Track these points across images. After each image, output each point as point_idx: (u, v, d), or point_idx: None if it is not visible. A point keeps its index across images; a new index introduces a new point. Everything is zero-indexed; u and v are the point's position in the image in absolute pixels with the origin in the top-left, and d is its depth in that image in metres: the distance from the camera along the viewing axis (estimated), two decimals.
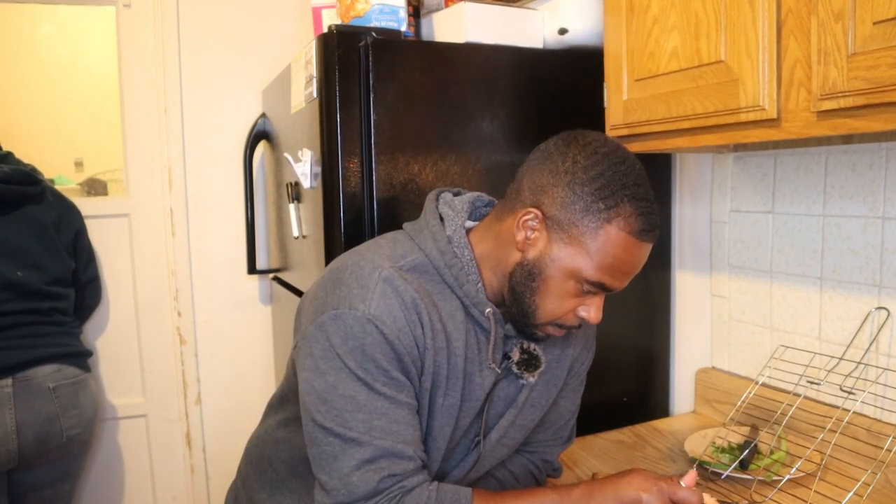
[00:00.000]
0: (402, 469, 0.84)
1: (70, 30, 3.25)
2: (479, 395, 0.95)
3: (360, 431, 0.83)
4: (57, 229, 1.82)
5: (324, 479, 0.85)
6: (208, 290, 2.18)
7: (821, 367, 1.30)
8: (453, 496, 0.86)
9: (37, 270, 1.74)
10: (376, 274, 0.86)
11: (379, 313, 0.84)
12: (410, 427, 0.87)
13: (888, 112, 0.82)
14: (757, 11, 0.97)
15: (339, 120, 1.30)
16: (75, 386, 1.75)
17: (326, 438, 0.84)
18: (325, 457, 0.84)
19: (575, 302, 0.89)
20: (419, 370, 0.88)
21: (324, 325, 0.85)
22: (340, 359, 0.84)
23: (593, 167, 0.85)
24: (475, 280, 0.92)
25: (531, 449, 1.14)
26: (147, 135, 2.09)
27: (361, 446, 0.83)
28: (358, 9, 1.39)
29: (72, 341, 1.82)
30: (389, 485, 0.83)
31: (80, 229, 1.91)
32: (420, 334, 0.87)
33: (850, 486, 1.09)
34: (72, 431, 1.72)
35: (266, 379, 2.27)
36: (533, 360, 0.97)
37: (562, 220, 0.85)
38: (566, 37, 1.46)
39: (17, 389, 1.63)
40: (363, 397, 0.83)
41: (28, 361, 1.67)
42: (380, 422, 0.84)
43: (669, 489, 0.85)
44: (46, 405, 1.66)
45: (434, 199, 0.98)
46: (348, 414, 0.83)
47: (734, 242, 1.53)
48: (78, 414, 1.74)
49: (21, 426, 1.62)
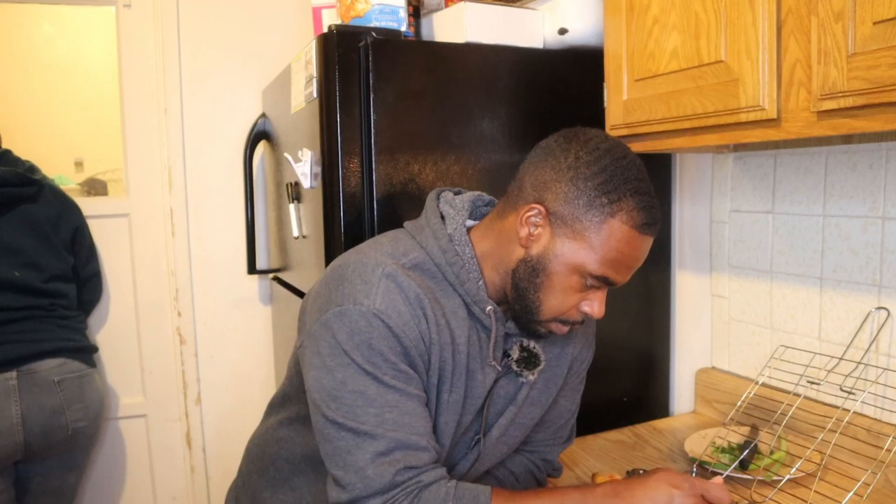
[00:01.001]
0: (418, 461, 0.84)
1: (70, 30, 3.25)
2: (480, 392, 0.95)
3: (372, 425, 0.83)
4: (55, 227, 1.82)
5: (338, 474, 0.84)
6: (208, 290, 2.18)
7: (821, 367, 1.30)
8: (472, 494, 0.84)
9: (35, 269, 1.74)
10: (379, 270, 0.86)
11: (384, 308, 0.84)
12: (422, 419, 0.87)
13: (888, 112, 0.82)
14: (757, 11, 0.97)
15: (339, 120, 1.30)
16: (80, 380, 1.76)
17: (339, 433, 0.83)
18: (338, 452, 0.84)
19: (578, 297, 0.90)
20: (426, 364, 0.88)
21: (328, 323, 0.85)
22: (347, 354, 0.83)
23: (596, 162, 0.86)
24: (476, 278, 0.92)
25: (531, 448, 1.14)
26: (147, 135, 2.08)
27: (375, 439, 0.82)
28: (358, 9, 1.39)
29: (76, 336, 1.83)
30: (406, 478, 0.82)
31: (80, 226, 1.91)
32: (425, 329, 0.87)
33: (850, 486, 1.09)
34: (77, 424, 1.73)
35: (266, 379, 2.27)
36: (533, 358, 0.97)
37: (565, 216, 0.86)
38: (566, 37, 1.46)
39: (22, 382, 1.64)
40: (373, 391, 0.83)
41: (32, 354, 1.69)
42: (391, 414, 0.83)
43: (702, 486, 0.84)
44: (51, 398, 1.68)
45: (435, 198, 0.98)
46: (359, 409, 0.83)
47: (734, 242, 1.53)
48: (83, 407, 1.75)
49: (26, 418, 1.63)
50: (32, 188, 1.77)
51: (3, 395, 1.62)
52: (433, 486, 0.83)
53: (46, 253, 1.78)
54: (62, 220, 1.85)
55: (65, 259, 1.84)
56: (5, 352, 1.65)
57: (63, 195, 1.90)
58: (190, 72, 2.11)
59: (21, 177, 1.73)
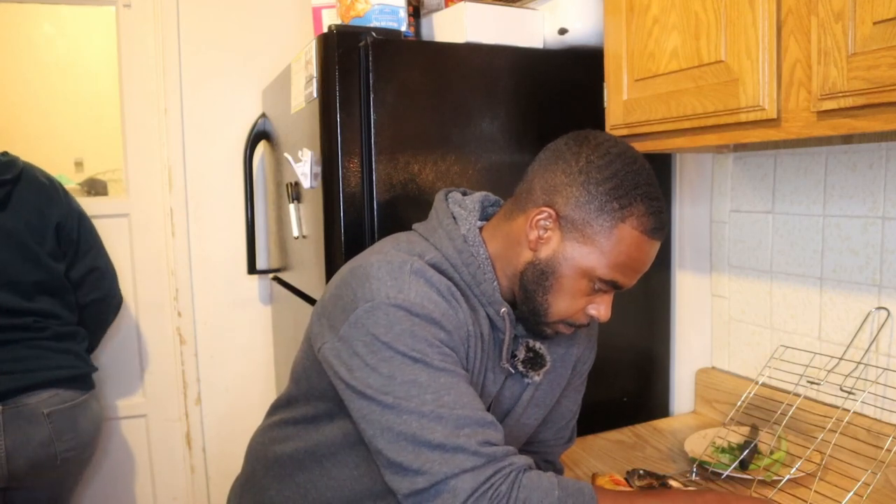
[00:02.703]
0: (493, 437, 0.79)
1: (70, 30, 3.25)
2: (490, 392, 0.95)
3: (435, 406, 0.78)
4: (35, 231, 1.61)
5: (407, 459, 0.76)
6: (208, 290, 2.18)
7: (821, 367, 1.30)
8: (576, 486, 0.80)
9: (11, 289, 1.57)
10: (407, 266, 0.85)
11: (419, 300, 0.82)
12: (478, 398, 0.83)
13: (888, 112, 0.82)
14: (757, 11, 0.97)
15: (339, 120, 1.30)
16: (73, 409, 1.64)
17: (400, 418, 0.77)
18: (403, 436, 0.77)
19: (585, 300, 0.90)
20: (466, 353, 0.87)
21: (360, 320, 0.82)
22: (390, 347, 0.80)
23: (607, 167, 0.86)
24: (491, 279, 0.92)
25: (533, 449, 1.14)
26: (147, 135, 2.08)
27: (442, 419, 0.77)
28: (358, 9, 1.39)
29: (71, 362, 1.67)
30: (492, 453, 0.77)
31: (61, 220, 1.67)
32: (463, 318, 0.86)
33: (850, 486, 1.09)
34: (68, 454, 1.63)
35: (266, 379, 2.27)
36: (538, 359, 0.97)
37: (576, 220, 0.86)
38: (566, 37, 1.46)
39: (8, 416, 1.52)
40: (425, 378, 0.79)
41: (19, 388, 1.55)
42: (449, 396, 0.79)
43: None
44: (40, 431, 1.56)
45: (443, 198, 0.98)
46: (416, 398, 0.78)
47: (734, 242, 1.53)
48: (75, 437, 1.64)
49: (11, 451, 1.53)
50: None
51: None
52: (532, 473, 0.79)
53: (23, 266, 1.58)
54: (44, 219, 1.63)
55: (49, 268, 1.63)
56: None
57: (42, 186, 1.67)
58: (190, 72, 2.11)
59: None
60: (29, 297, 1.60)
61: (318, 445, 0.96)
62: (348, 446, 0.92)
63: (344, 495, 0.95)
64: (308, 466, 0.98)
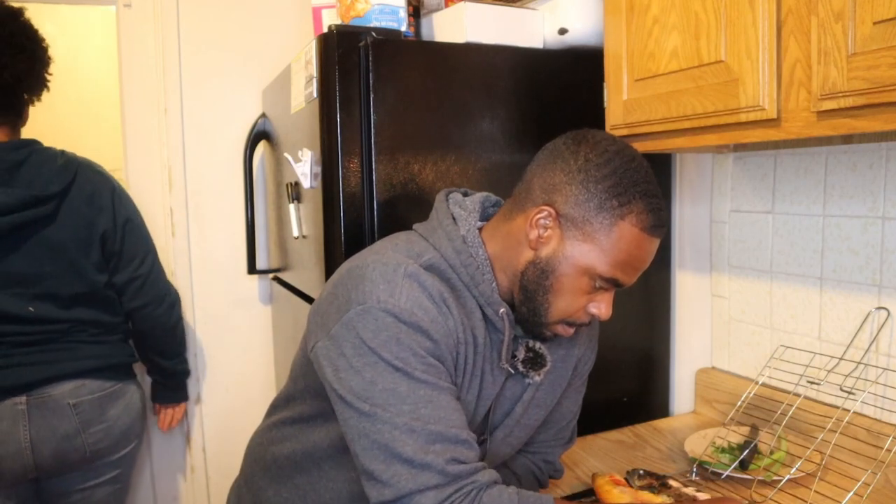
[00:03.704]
0: (463, 455, 0.81)
1: (70, 30, 3.25)
2: (490, 393, 0.95)
3: (409, 418, 0.80)
4: (83, 244, 1.60)
5: (378, 468, 0.79)
6: (208, 290, 2.18)
7: (821, 367, 1.30)
8: (536, 500, 0.82)
9: (52, 300, 1.57)
10: (401, 269, 0.85)
11: (409, 306, 0.82)
12: (457, 412, 0.84)
13: (888, 112, 0.82)
14: (757, 11, 0.97)
15: (339, 120, 1.30)
16: (102, 399, 1.62)
17: (375, 426, 0.80)
18: (377, 444, 0.80)
19: (586, 299, 0.90)
20: (454, 360, 0.87)
21: (351, 322, 0.83)
22: (374, 352, 0.81)
23: (606, 165, 0.86)
24: (490, 280, 0.92)
25: (533, 449, 1.14)
26: (147, 135, 2.08)
27: (414, 432, 0.79)
28: (358, 9, 1.39)
29: (103, 351, 1.65)
30: (458, 472, 0.79)
31: (107, 229, 1.64)
32: (452, 326, 0.86)
33: (850, 486, 1.09)
34: (98, 445, 1.61)
35: (266, 379, 2.27)
36: (539, 359, 0.97)
37: (575, 218, 0.86)
38: (566, 37, 1.46)
39: (32, 407, 1.53)
40: (404, 388, 0.81)
41: (43, 379, 1.55)
42: (426, 409, 0.81)
43: None
44: (65, 422, 1.56)
45: (444, 199, 0.98)
46: (392, 407, 0.80)
47: (734, 242, 1.53)
48: (105, 427, 1.62)
49: (36, 442, 1.53)
50: (47, 207, 1.53)
51: (10, 419, 1.51)
52: (493, 490, 0.80)
53: (66, 279, 1.58)
54: (92, 229, 1.61)
55: (92, 281, 1.62)
56: (16, 375, 1.52)
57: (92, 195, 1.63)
58: (190, 72, 2.10)
59: (29, 200, 1.50)
60: (67, 308, 1.60)
61: (316, 447, 0.96)
62: (345, 448, 0.92)
63: (342, 497, 0.95)
64: (306, 468, 0.98)
